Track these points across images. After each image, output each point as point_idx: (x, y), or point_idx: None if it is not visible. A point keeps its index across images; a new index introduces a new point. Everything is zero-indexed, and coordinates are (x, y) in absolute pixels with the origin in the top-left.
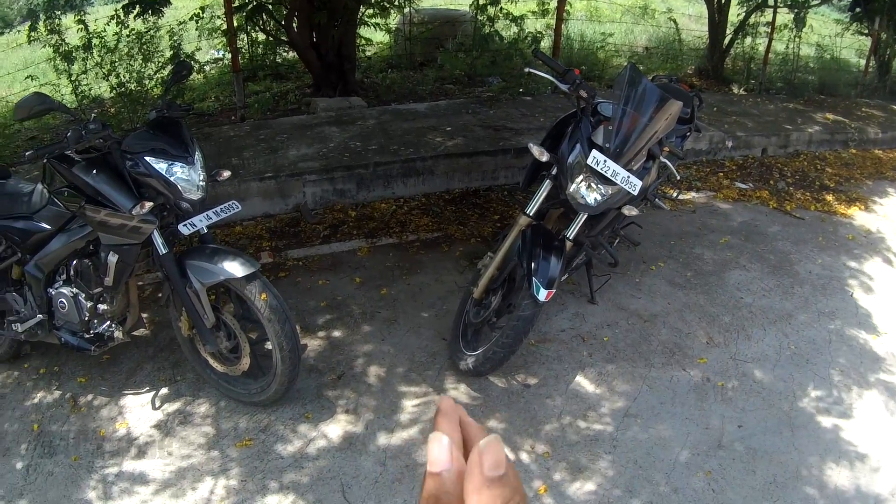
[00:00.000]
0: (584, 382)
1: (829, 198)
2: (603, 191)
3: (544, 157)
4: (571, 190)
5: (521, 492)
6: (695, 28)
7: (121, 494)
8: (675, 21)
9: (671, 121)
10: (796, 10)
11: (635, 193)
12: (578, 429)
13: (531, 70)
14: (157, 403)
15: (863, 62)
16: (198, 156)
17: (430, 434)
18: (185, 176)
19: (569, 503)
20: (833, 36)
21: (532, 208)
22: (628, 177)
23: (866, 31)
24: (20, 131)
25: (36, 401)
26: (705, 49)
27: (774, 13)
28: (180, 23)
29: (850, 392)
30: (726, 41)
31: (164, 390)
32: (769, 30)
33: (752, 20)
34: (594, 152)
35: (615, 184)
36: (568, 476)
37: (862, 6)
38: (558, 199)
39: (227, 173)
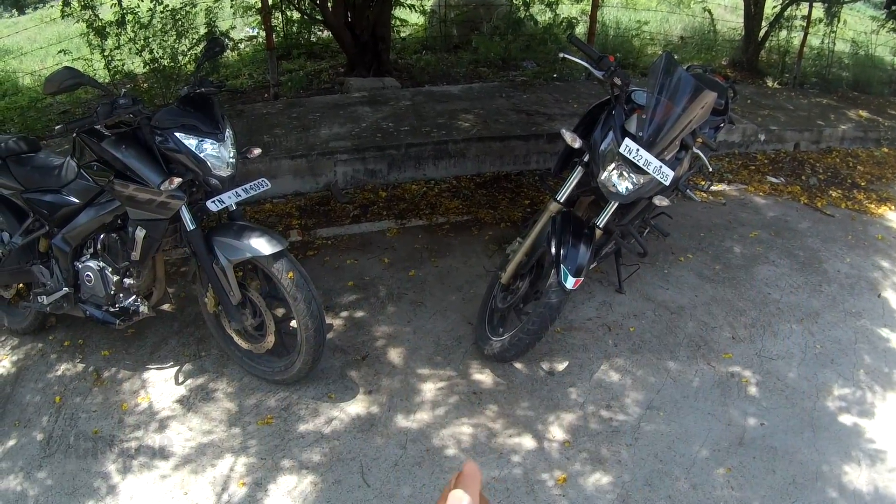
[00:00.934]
0: (608, 372)
1: (860, 196)
2: (634, 179)
3: (577, 144)
4: (603, 178)
5: None
6: (730, 19)
7: (140, 468)
8: (710, 11)
9: (705, 111)
10: (829, 5)
11: (667, 183)
12: (601, 419)
13: (566, 55)
14: (181, 379)
15: None
16: (228, 133)
17: (450, 492)
18: (215, 153)
19: (588, 494)
20: (868, 33)
21: (563, 195)
22: (660, 166)
23: None
24: (52, 105)
25: (59, 373)
26: (740, 41)
27: (810, 7)
28: (215, 0)
29: (874, 394)
30: (761, 33)
31: (187, 366)
32: (805, 24)
33: (787, 13)
34: (627, 140)
35: (647, 173)
36: (588, 466)
37: None
38: (589, 186)
39: (257, 151)
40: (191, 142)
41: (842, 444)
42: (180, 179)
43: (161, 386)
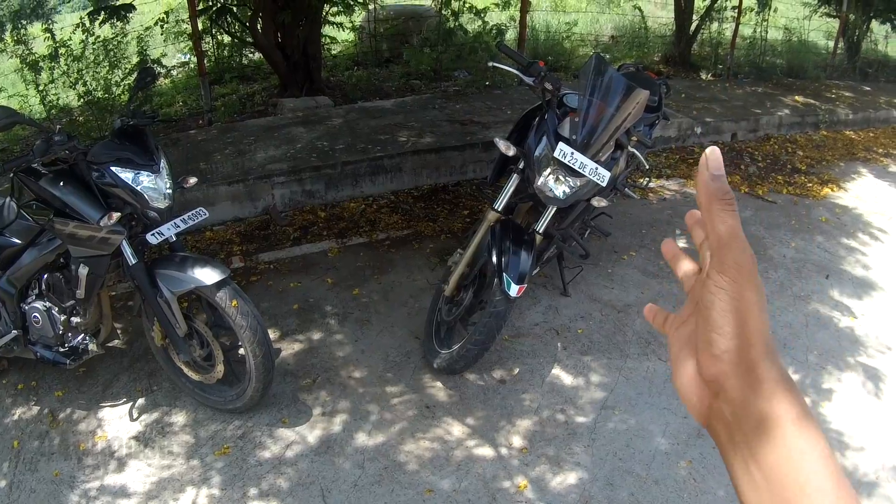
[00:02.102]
0: (560, 376)
1: (802, 180)
2: (571, 183)
3: (511, 152)
4: (539, 183)
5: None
6: (661, 15)
7: None
8: (640, 9)
9: (638, 110)
10: None
11: (604, 185)
12: (556, 423)
13: (495, 64)
14: (135, 414)
15: (831, 44)
16: (164, 163)
17: (707, 150)
18: (152, 185)
19: (550, 498)
20: (801, 19)
21: (500, 203)
22: (596, 168)
23: (834, 13)
24: None
25: (15, 417)
26: (672, 36)
27: None
28: (147, 28)
29: (829, 375)
30: (693, 27)
31: (140, 401)
32: (735, 14)
33: (717, 5)
34: (561, 145)
35: (583, 176)
36: (548, 471)
37: None
38: (527, 192)
39: (193, 180)
40: (127, 175)
41: None
42: (119, 214)
43: (116, 423)
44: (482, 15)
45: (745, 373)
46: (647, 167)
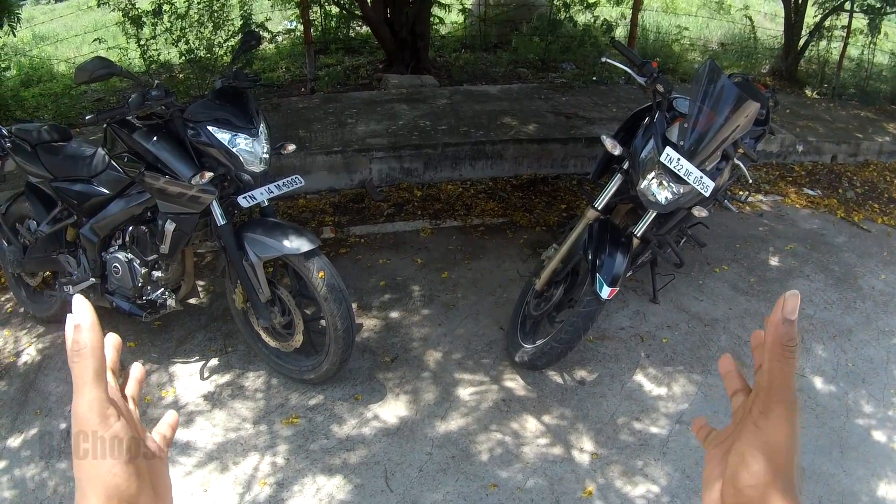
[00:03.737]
0: (640, 383)
1: None
2: (675, 189)
3: (617, 151)
4: (642, 187)
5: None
6: (770, 27)
7: None
8: (750, 18)
9: (748, 122)
10: (871, 16)
11: (707, 195)
12: (631, 431)
13: (608, 59)
14: (206, 374)
15: None
16: (262, 127)
17: (787, 294)
18: (248, 147)
19: None
20: None
21: (601, 202)
22: (701, 177)
23: None
24: (86, 93)
25: None
26: (779, 49)
27: (850, 17)
28: None
29: None
30: (801, 43)
31: (213, 361)
32: (844, 34)
33: (828, 23)
34: (668, 149)
35: (687, 183)
36: (615, 479)
37: None
38: (628, 194)
39: (291, 147)
40: (223, 136)
41: (870, 465)
42: (212, 174)
43: (186, 380)
44: (593, 8)
45: None
46: (750, 181)
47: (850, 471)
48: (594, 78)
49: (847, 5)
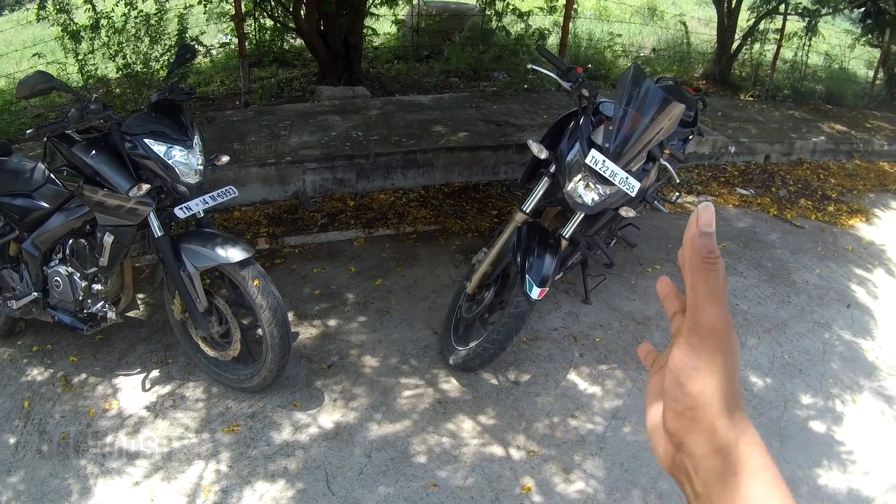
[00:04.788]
0: (574, 382)
1: (831, 208)
2: (601, 191)
3: (543, 155)
4: (569, 189)
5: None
6: (703, 32)
7: (110, 474)
8: (684, 24)
9: (673, 123)
10: (808, 19)
11: (633, 195)
12: (567, 428)
13: (534, 66)
14: (148, 385)
15: (871, 74)
16: (197, 140)
17: (700, 206)
18: (184, 159)
19: (553, 502)
20: (843, 46)
21: (529, 205)
22: (627, 178)
23: (876, 43)
24: (26, 108)
25: (29, 378)
26: (713, 53)
27: (784, 20)
28: (187, 6)
29: (843, 402)
30: (734, 46)
31: (155, 372)
32: (778, 37)
33: (761, 26)
34: (593, 152)
35: (613, 184)
36: (553, 475)
37: (873, 18)
38: (556, 197)
39: (225, 158)
40: (160, 148)
41: (811, 453)
42: (149, 186)
43: (129, 392)
44: (525, 18)
45: (704, 431)
46: (678, 181)
47: (791, 459)
48: (525, 86)
49: (781, 8)
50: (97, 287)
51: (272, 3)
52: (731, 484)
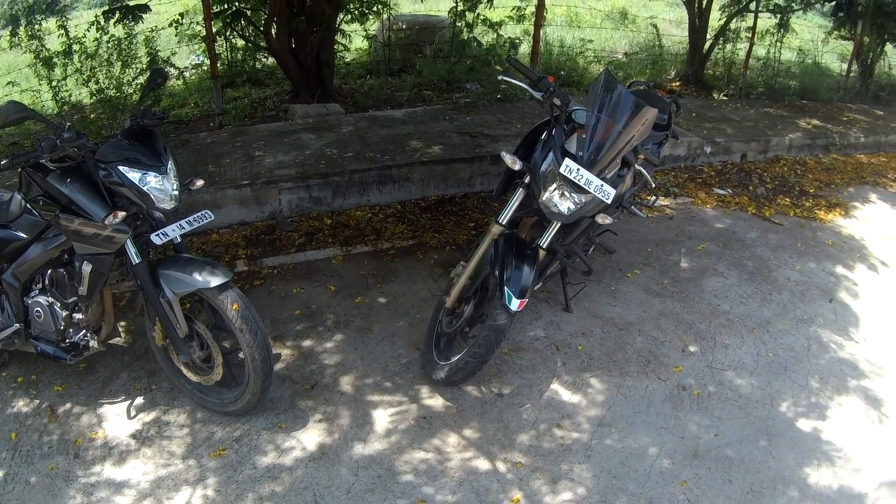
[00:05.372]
0: (558, 391)
1: (809, 203)
2: (576, 199)
3: (517, 166)
4: (544, 199)
5: None
6: (676, 33)
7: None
8: (655, 26)
9: (646, 128)
10: (780, 15)
11: (609, 202)
12: (553, 438)
13: (505, 77)
14: (133, 413)
15: (845, 67)
16: (171, 165)
17: None
18: (158, 185)
19: None
20: (815, 41)
21: (505, 217)
22: (602, 185)
23: (849, 36)
24: (0, 136)
25: (15, 410)
26: (686, 54)
27: (756, 17)
28: (154, 29)
29: (828, 398)
30: (707, 46)
31: (139, 399)
32: (750, 35)
33: (733, 25)
34: (567, 160)
35: (588, 192)
36: (542, 486)
37: (845, 11)
38: (532, 207)
39: (200, 182)
40: (134, 175)
41: (799, 450)
42: (124, 213)
43: (114, 420)
44: (496, 28)
45: None
46: (653, 185)
47: (779, 457)
48: (499, 96)
49: (752, 6)
50: (78, 316)
51: (243, 22)
52: None
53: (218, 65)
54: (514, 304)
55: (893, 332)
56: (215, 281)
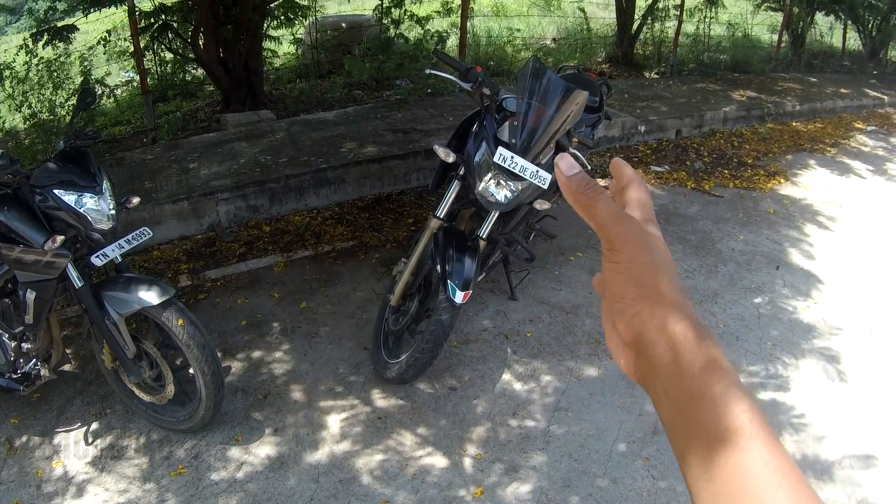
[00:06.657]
0: (511, 381)
1: (748, 174)
2: (513, 187)
3: (450, 158)
4: (480, 189)
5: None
6: (603, 16)
7: None
8: (583, 10)
9: (578, 111)
10: None
11: (545, 187)
12: (509, 428)
13: (433, 71)
14: (90, 439)
15: (776, 38)
16: (106, 184)
17: (556, 158)
18: (95, 206)
19: (507, 503)
20: (744, 14)
21: (442, 210)
22: (537, 171)
23: (778, 7)
24: None
25: None
26: (615, 36)
27: None
28: (91, 48)
29: (785, 365)
30: (635, 27)
31: (94, 425)
32: (678, 12)
33: (661, 4)
34: (500, 149)
35: (524, 179)
36: (504, 476)
37: None
38: (468, 198)
39: (136, 200)
40: (70, 197)
41: None
42: (63, 237)
43: (72, 448)
44: (423, 23)
45: (657, 327)
46: (589, 168)
47: None
48: (429, 91)
49: None
50: (27, 345)
51: (170, 35)
52: (685, 369)
53: (148, 80)
54: (459, 296)
55: (843, 293)
56: (158, 298)
